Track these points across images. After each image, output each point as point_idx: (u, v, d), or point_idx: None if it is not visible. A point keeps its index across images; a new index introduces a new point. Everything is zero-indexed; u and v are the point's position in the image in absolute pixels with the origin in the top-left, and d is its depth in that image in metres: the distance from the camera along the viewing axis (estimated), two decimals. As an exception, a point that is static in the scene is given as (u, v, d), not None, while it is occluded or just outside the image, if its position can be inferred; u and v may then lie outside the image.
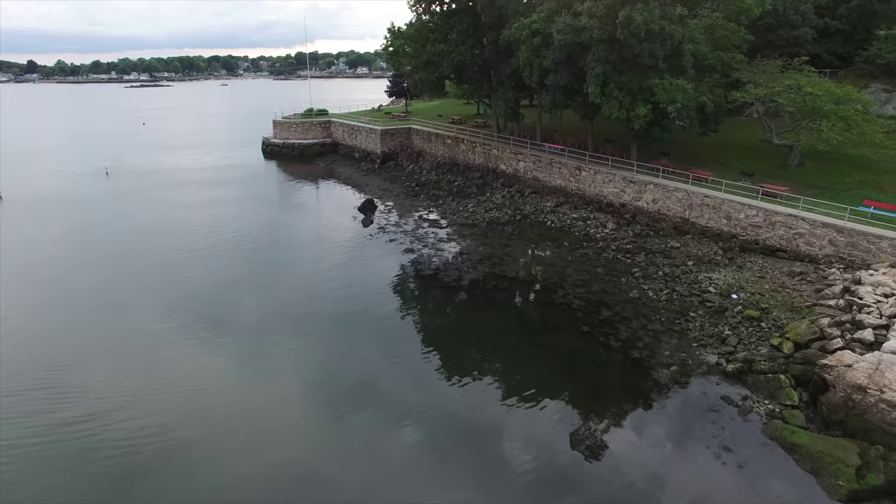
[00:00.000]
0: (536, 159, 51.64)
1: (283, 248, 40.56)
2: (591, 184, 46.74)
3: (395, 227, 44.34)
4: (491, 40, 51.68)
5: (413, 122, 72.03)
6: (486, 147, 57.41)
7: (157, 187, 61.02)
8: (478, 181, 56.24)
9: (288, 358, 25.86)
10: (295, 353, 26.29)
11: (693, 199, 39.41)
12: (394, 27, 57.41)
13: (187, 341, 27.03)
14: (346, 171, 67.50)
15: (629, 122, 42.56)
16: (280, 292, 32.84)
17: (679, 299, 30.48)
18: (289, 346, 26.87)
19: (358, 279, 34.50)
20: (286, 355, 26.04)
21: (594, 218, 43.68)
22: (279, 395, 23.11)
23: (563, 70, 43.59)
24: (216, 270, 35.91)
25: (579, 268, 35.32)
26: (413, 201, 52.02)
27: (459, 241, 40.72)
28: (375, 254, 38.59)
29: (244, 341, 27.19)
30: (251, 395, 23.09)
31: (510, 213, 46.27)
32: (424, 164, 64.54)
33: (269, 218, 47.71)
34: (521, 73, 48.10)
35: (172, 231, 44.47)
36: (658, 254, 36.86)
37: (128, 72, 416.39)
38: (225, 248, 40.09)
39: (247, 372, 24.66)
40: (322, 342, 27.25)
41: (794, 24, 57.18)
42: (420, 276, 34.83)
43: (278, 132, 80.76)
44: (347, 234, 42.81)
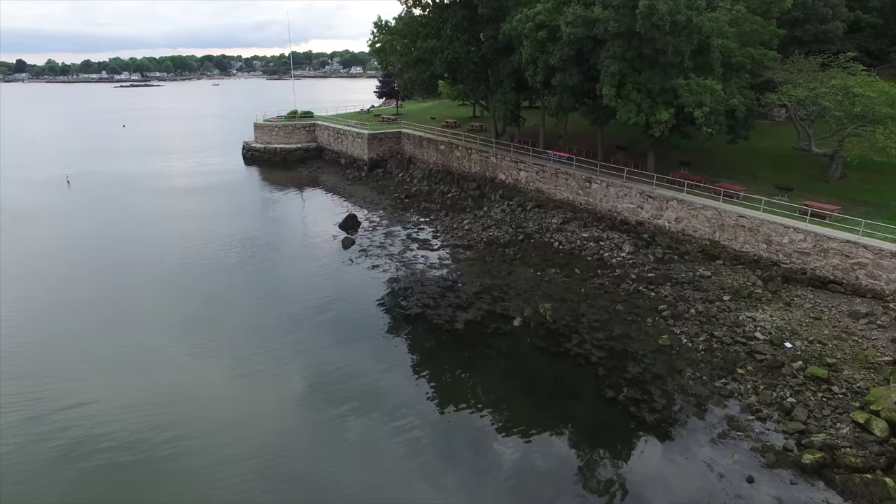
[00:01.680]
0: (540, 169, 46.04)
1: (242, 278, 34.37)
2: (602, 198, 41.15)
3: (380, 248, 38.65)
4: (489, 35, 46.05)
5: (403, 125, 66.30)
6: (483, 154, 51.79)
7: (120, 198, 55.39)
8: (474, 192, 50.61)
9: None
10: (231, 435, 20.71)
11: (725, 219, 33.87)
12: (380, 21, 51.71)
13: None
14: (331, 178, 61.80)
15: (648, 129, 37.02)
16: (227, 343, 27.16)
17: (721, 348, 24.90)
18: (232, 421, 21.25)
19: (329, 323, 28.77)
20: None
21: (608, 238, 38.10)
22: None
23: (572, 69, 37.97)
24: (147, 308, 30.21)
25: (595, 304, 29.72)
26: (401, 216, 46.35)
27: (453, 267, 35.05)
28: (353, 286, 32.83)
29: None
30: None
31: (511, 232, 40.63)
32: (415, 172, 58.86)
33: (235, 236, 41.88)
34: (524, 73, 42.45)
35: (122, 250, 38.78)
36: (686, 284, 31.30)
37: (119, 71, 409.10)
38: (167, 276, 34.39)
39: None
40: (271, 426, 21.58)
41: (823, 17, 51.70)
42: (405, 317, 29.09)
43: (259, 136, 74.97)
44: (323, 260, 37.05)
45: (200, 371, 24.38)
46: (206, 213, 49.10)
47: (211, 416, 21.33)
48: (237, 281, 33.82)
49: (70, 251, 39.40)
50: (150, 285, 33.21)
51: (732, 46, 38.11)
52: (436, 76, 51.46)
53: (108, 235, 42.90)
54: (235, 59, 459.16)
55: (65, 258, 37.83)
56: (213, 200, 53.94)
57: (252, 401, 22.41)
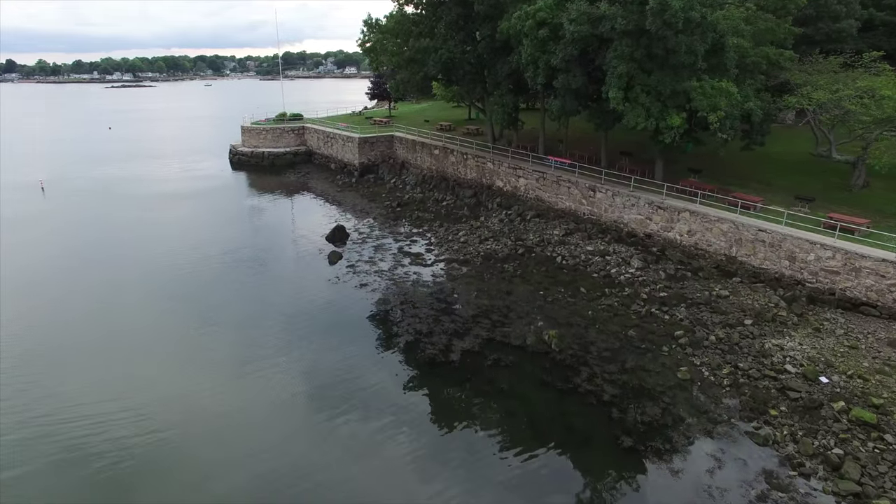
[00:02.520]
0: (540, 176, 43.31)
1: (214, 302, 31.09)
2: (608, 208, 38.45)
3: (369, 264, 35.80)
4: (485, 34, 43.30)
5: (396, 128, 63.45)
6: (480, 160, 49.04)
7: (96, 206, 52.34)
8: (470, 200, 47.84)
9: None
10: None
11: (742, 233, 31.20)
12: (371, 19, 48.85)
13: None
14: (320, 184, 58.90)
15: (658, 135, 34.36)
16: (201, 374, 24.31)
17: (748, 384, 22.19)
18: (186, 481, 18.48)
19: (311, 355, 25.88)
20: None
21: (614, 252, 35.39)
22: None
23: (576, 69, 35.27)
24: (111, 332, 27.33)
25: (605, 328, 26.97)
26: (393, 226, 43.51)
27: (448, 286, 32.24)
28: (338, 309, 29.95)
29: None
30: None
31: (510, 245, 37.86)
32: (408, 178, 56.05)
33: (212, 251, 38.92)
34: (523, 74, 39.77)
35: (88, 265, 35.82)
36: (703, 306, 28.61)
37: (110, 72, 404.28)
38: (130, 296, 31.48)
39: None
40: (237, 475, 18.78)
41: (837, 15, 49.12)
42: (394, 346, 26.23)
43: (247, 139, 71.98)
44: (307, 278, 34.14)
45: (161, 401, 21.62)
46: (185, 224, 46.12)
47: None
48: (208, 305, 30.85)
49: (34, 265, 36.41)
50: (111, 305, 30.30)
51: (746, 46, 35.52)
52: (429, 77, 48.69)
53: (77, 248, 39.92)
54: (229, 60, 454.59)
55: (26, 275, 34.85)
56: (194, 209, 50.97)
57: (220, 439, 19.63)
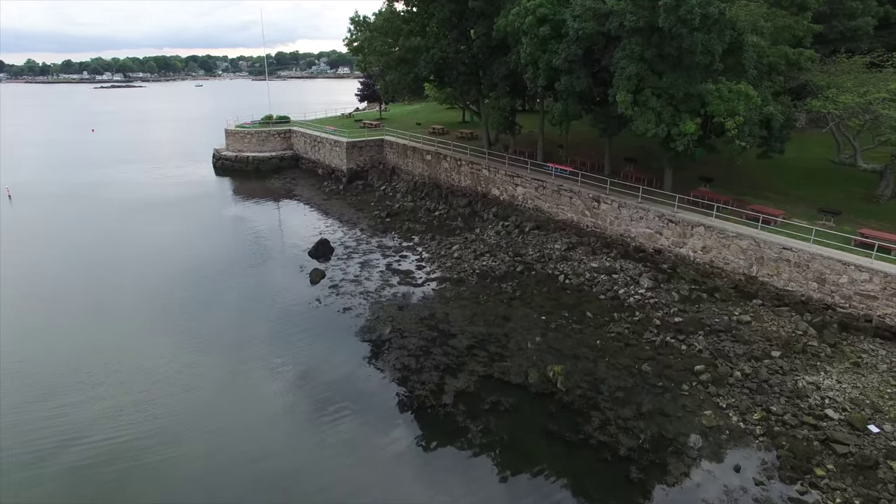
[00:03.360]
0: (539, 185, 40.34)
1: (179, 329, 27.97)
2: (613, 220, 35.53)
3: (353, 283, 32.74)
4: (480, 32, 40.36)
5: (386, 132, 60.36)
6: (475, 166, 46.04)
7: (66, 215, 49.24)
8: (464, 210, 44.82)
9: None
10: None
11: (764, 251, 28.32)
12: (358, 17, 45.81)
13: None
14: (306, 191, 55.76)
15: (669, 142, 31.46)
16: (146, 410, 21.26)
17: (785, 433, 19.26)
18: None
19: (283, 392, 22.89)
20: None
21: (622, 269, 32.45)
22: None
23: (580, 71, 32.33)
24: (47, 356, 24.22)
25: (616, 361, 24.01)
26: (381, 239, 40.45)
27: (440, 310, 29.17)
28: (316, 339, 26.79)
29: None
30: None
31: (508, 261, 34.87)
32: (399, 186, 52.99)
33: (183, 266, 35.77)
34: (521, 75, 36.85)
35: (43, 282, 32.62)
36: (723, 333, 25.71)
37: (101, 72, 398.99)
38: (82, 324, 28.35)
39: None
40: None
41: (852, 13, 46.49)
42: (379, 387, 23.13)
43: (231, 143, 68.72)
44: (285, 300, 31.02)
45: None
46: (156, 237, 42.82)
47: None
48: (168, 331, 27.74)
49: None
50: (64, 329, 27.17)
51: (763, 45, 32.72)
52: (420, 79, 45.69)
53: (33, 262, 36.69)
54: (221, 60, 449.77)
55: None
56: (171, 219, 47.71)
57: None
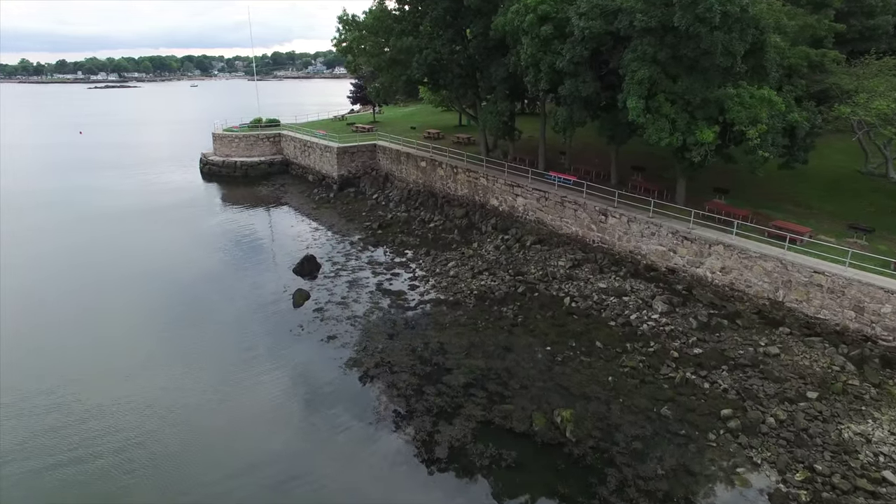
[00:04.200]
0: (541, 195, 37.61)
1: (137, 359, 25.67)
2: (622, 235, 32.83)
3: (340, 307, 29.97)
4: (477, 31, 37.60)
5: (379, 136, 57.56)
6: (472, 174, 43.31)
7: (42, 224, 46.49)
8: (461, 221, 42.05)
9: None
10: None
11: (792, 274, 25.64)
12: (347, 15, 42.99)
13: None
14: (295, 199, 53.03)
15: (684, 152, 28.79)
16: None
17: (835, 500, 16.57)
18: None
19: (249, 442, 20.18)
20: None
21: (632, 290, 29.74)
22: None
23: (586, 73, 29.61)
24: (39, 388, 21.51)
25: (631, 403, 21.30)
26: (372, 253, 37.72)
27: (434, 339, 26.40)
28: (295, 375, 24.03)
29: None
30: None
31: (508, 280, 32.14)
32: (392, 194, 50.21)
33: (156, 283, 33.15)
34: (522, 78, 34.13)
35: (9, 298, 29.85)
36: (749, 368, 23.03)
37: (95, 72, 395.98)
38: (39, 347, 25.62)
39: None
40: None
41: (871, 11, 43.90)
42: (363, 437, 20.37)
43: (219, 148, 65.90)
44: (264, 326, 28.25)
45: None
46: (137, 249, 40.08)
47: None
48: (128, 363, 25.03)
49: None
50: (30, 347, 24.44)
51: (783, 45, 30.05)
52: (413, 81, 42.88)
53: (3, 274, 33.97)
54: (217, 60, 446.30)
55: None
56: (152, 230, 44.96)
57: None
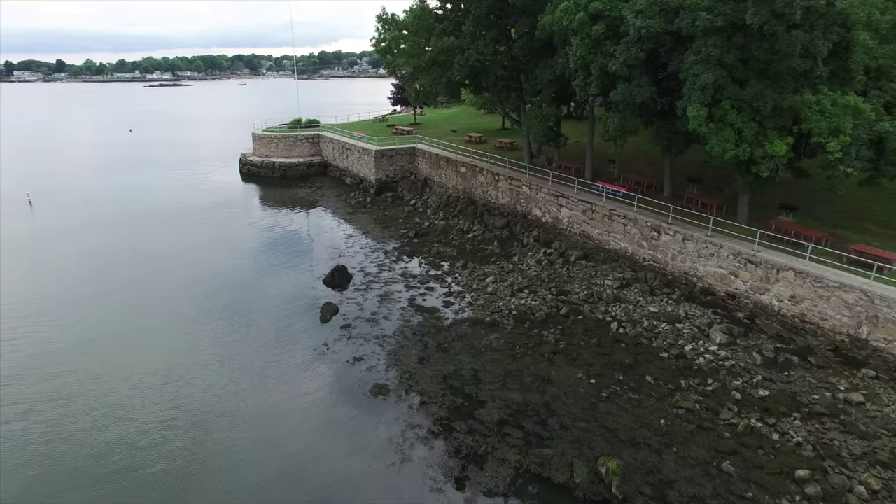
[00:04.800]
0: (587, 207, 35.02)
1: (154, 381, 24.63)
2: (676, 255, 29.98)
3: (369, 324, 28.19)
4: (522, 31, 35.28)
5: (418, 139, 55.77)
6: (514, 182, 40.99)
7: (84, 224, 46.85)
8: (501, 232, 39.83)
9: None
10: None
11: (879, 309, 22.44)
12: (385, 14, 41.33)
13: None
14: (331, 203, 51.84)
15: (750, 166, 25.82)
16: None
17: None
18: None
19: (257, 485, 18.54)
20: None
21: (687, 317, 26.94)
22: None
23: (641, 77, 26.94)
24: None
25: (687, 454, 18.67)
26: (407, 265, 35.91)
27: (468, 365, 24.28)
28: (314, 404, 22.31)
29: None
30: None
31: (550, 300, 29.72)
32: (430, 200, 48.36)
33: (182, 293, 32.21)
34: (570, 81, 31.64)
35: (35, 300, 29.29)
36: (828, 419, 20.06)
37: (151, 71, 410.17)
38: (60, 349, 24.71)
39: None
40: None
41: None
42: (383, 481, 18.46)
43: (258, 148, 65.61)
44: (288, 343, 26.65)
45: None
46: (165, 252, 39.65)
47: None
48: (144, 380, 23.87)
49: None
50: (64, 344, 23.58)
51: (871, 44, 26.62)
52: (454, 83, 40.86)
53: (36, 281, 33.65)
54: (266, 59, 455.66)
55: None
56: (183, 232, 44.51)
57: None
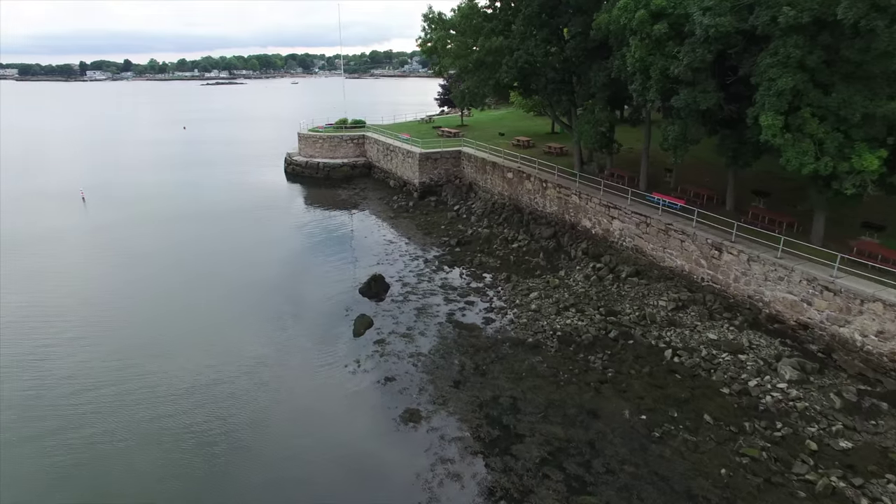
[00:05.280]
0: (641, 220, 32.61)
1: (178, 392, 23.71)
2: (739, 276, 27.30)
3: (404, 340, 26.75)
4: (576, 30, 33.18)
5: (465, 142, 54.12)
6: (563, 190, 38.85)
7: (135, 221, 47.50)
8: (548, 243, 37.77)
9: None
10: None
11: (984, 351, 19.47)
12: (432, 13, 39.84)
13: None
14: (373, 206, 50.90)
15: (831, 181, 23.06)
16: None
17: None
18: None
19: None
20: None
21: (751, 346, 24.35)
22: None
23: (707, 82, 24.50)
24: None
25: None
26: (447, 275, 34.37)
27: (507, 392, 22.50)
28: (344, 422, 21.03)
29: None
30: None
31: (598, 320, 27.56)
32: (475, 206, 46.67)
33: (219, 293, 31.74)
34: (627, 85, 29.35)
35: (79, 297, 29.21)
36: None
37: (209, 69, 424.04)
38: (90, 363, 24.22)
39: None
40: None
41: None
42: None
43: (303, 148, 65.49)
44: (319, 356, 25.46)
45: None
46: (202, 253, 40.16)
47: None
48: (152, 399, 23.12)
49: (26, 302, 30.36)
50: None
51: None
52: (502, 86, 39.00)
53: (86, 277, 33.84)
54: (318, 58, 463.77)
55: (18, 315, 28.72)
56: (223, 232, 44.59)
57: None
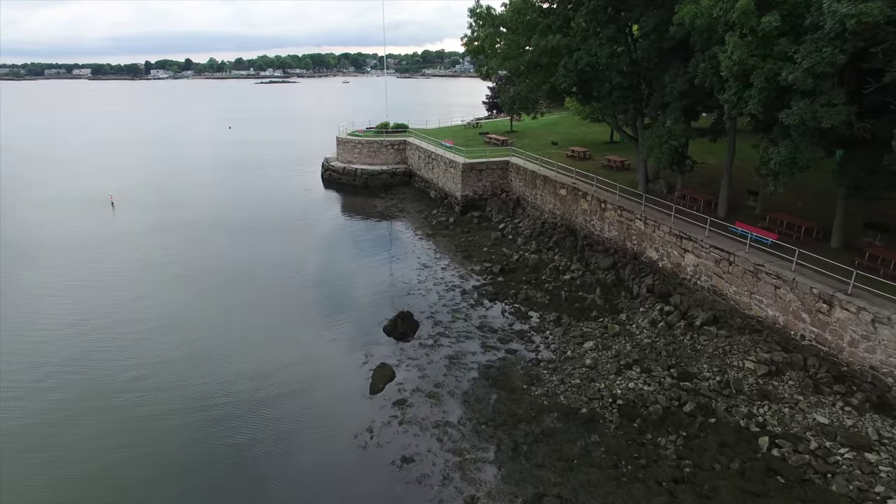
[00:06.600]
0: (722, 257, 26.89)
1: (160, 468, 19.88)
2: (858, 340, 21.36)
3: (430, 400, 22.12)
4: (649, 27, 27.78)
5: (513, 151, 49.03)
6: (625, 213, 33.43)
7: (162, 229, 45.03)
8: (605, 274, 32.42)
9: None
10: None
11: None
12: (480, 7, 35.03)
13: None
14: (412, 219, 46.62)
15: None
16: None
17: None
18: None
19: None
20: None
21: (882, 441, 18.54)
22: None
23: (833, 91, 18.81)
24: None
25: None
26: (486, 312, 29.59)
27: (552, 484, 17.54)
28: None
29: None
30: None
31: (669, 385, 22.21)
32: (522, 224, 41.63)
33: (222, 330, 27.90)
34: (715, 93, 23.80)
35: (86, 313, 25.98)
36: None
37: (265, 68, 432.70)
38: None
39: None
40: None
41: None
42: None
43: (341, 153, 62.00)
44: (325, 421, 21.11)
45: None
46: (227, 267, 37.16)
47: None
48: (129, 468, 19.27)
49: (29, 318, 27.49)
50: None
51: None
52: (558, 91, 33.77)
53: (96, 294, 30.82)
54: (370, 57, 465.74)
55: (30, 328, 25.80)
56: (252, 245, 41.46)
57: None
